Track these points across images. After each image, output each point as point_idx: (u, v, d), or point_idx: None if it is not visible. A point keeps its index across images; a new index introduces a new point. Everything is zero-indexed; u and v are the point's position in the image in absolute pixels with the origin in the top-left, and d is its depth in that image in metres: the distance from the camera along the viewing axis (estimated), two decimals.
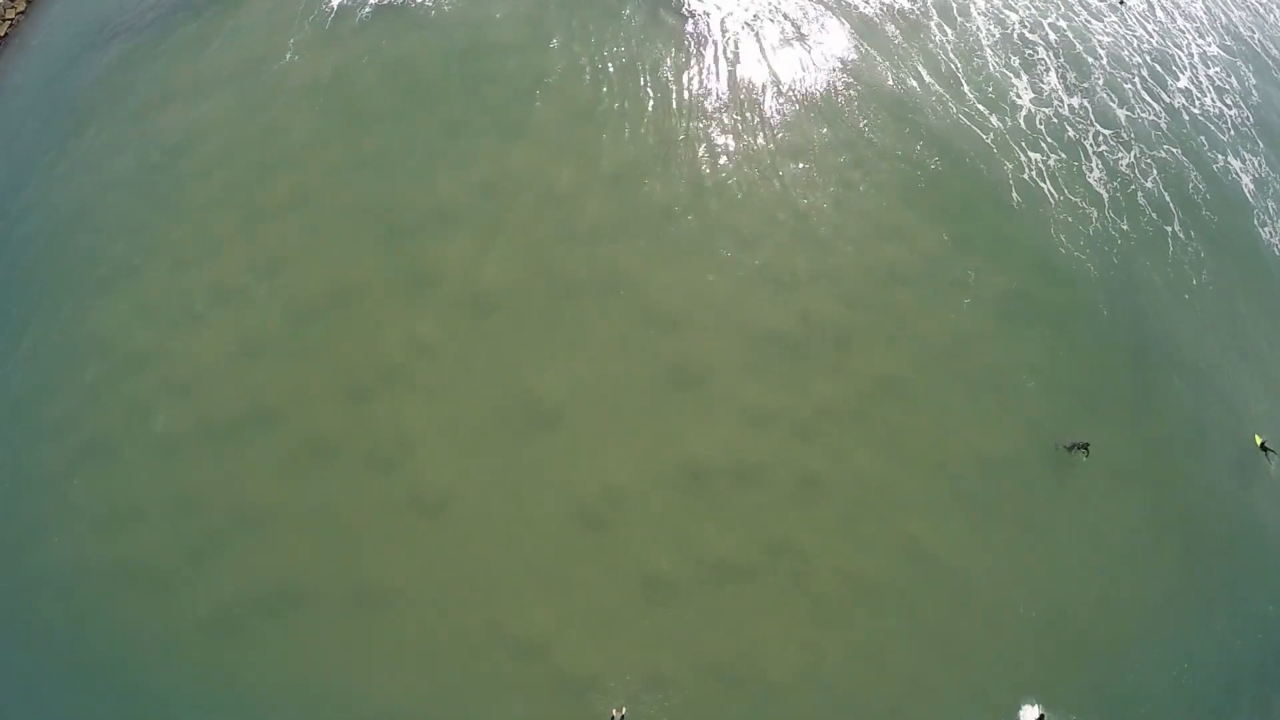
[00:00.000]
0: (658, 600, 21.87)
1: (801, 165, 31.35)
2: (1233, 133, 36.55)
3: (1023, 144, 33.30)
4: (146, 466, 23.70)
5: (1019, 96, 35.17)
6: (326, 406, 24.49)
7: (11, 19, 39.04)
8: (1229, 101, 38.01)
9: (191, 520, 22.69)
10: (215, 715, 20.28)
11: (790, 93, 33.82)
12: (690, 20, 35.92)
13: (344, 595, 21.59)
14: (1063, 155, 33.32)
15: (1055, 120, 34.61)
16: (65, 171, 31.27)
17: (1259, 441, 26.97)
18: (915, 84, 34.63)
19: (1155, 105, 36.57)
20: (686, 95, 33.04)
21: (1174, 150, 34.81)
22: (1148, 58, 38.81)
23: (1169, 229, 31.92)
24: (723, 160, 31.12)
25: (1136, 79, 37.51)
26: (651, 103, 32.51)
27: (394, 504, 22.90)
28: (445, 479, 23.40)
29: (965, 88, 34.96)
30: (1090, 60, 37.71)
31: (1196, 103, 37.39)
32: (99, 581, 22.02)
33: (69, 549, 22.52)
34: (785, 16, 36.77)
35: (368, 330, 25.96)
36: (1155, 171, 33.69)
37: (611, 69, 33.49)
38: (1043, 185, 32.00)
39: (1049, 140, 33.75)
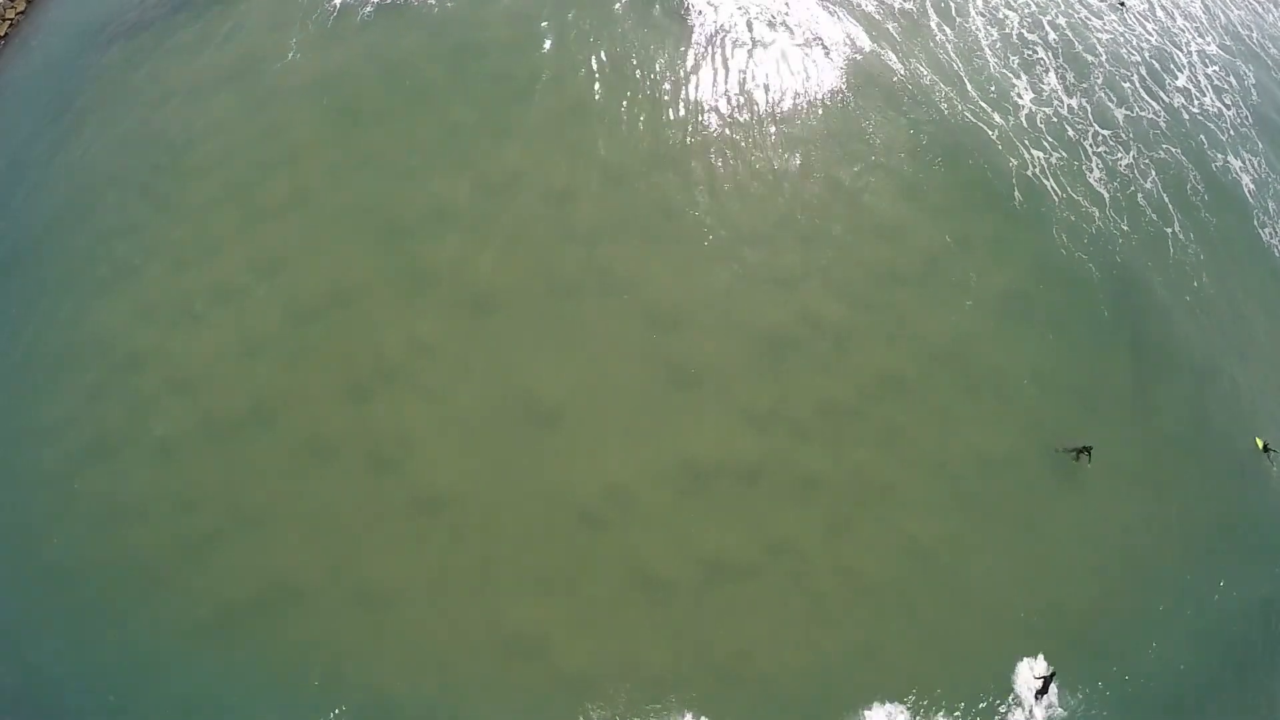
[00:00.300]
0: (657, 600, 21.87)
1: (802, 164, 31.37)
2: (1232, 132, 36.58)
3: (1025, 142, 33.31)
4: (146, 466, 23.70)
5: (1020, 96, 35.20)
6: (326, 406, 24.48)
7: (11, 19, 39.03)
8: (1228, 101, 38.04)
9: (191, 520, 22.68)
10: (214, 714, 20.29)
11: (791, 91, 33.81)
12: (690, 19, 35.90)
13: (344, 595, 21.59)
14: (1064, 155, 33.34)
15: (1055, 120, 34.63)
16: (65, 171, 31.26)
17: (1260, 444, 26.95)
18: (918, 83, 34.63)
19: (1154, 105, 36.58)
20: (686, 94, 33.05)
21: (1173, 150, 34.82)
22: (1146, 55, 38.84)
23: (1169, 230, 31.94)
24: (723, 159, 31.12)
25: (1135, 79, 37.52)
26: (651, 102, 32.51)
27: (394, 503, 22.89)
28: (445, 479, 23.41)
29: (968, 86, 34.96)
30: (1089, 59, 37.73)
31: (1195, 102, 37.41)
32: (98, 581, 22.02)
33: (68, 549, 22.51)
34: (786, 15, 36.78)
35: (368, 330, 25.94)
36: (1154, 172, 33.71)
37: (611, 68, 33.49)
38: (1045, 186, 32.00)
39: (1050, 139, 33.78)
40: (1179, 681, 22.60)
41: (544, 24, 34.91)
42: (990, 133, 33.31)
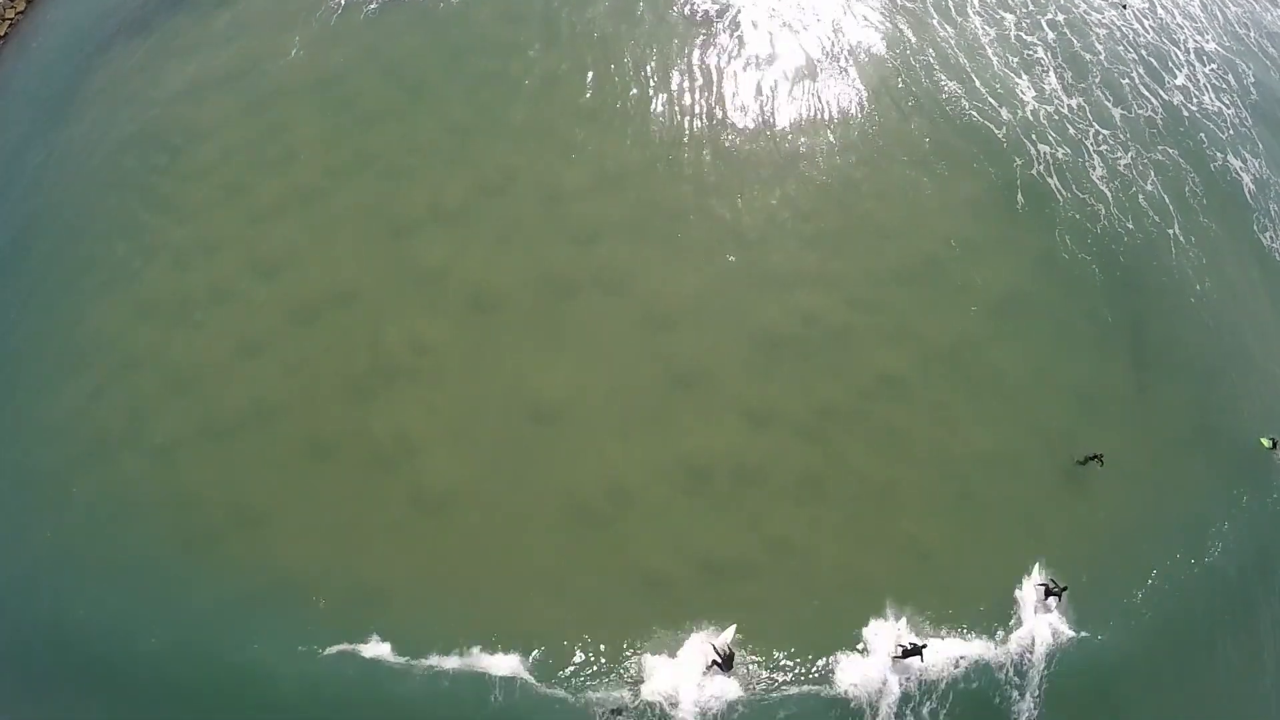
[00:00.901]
0: (658, 598, 21.86)
1: (800, 162, 31.35)
2: (1231, 132, 36.51)
3: (1031, 138, 33.23)
4: (146, 466, 23.69)
5: (1022, 95, 35.17)
6: (327, 406, 24.49)
7: (11, 19, 39.05)
8: (1227, 100, 37.97)
9: (191, 519, 22.68)
10: (214, 714, 20.29)
11: (789, 89, 33.80)
12: (694, 20, 35.91)
13: (344, 594, 21.57)
14: (1068, 153, 33.25)
15: (1057, 119, 34.58)
16: (65, 172, 31.27)
17: (1268, 444, 26.77)
18: (922, 84, 34.60)
19: (1153, 103, 36.53)
20: (689, 95, 33.05)
21: (1172, 151, 34.73)
22: (1143, 53, 38.79)
23: (1171, 231, 31.86)
24: (725, 159, 31.12)
25: (1135, 77, 37.47)
26: (655, 102, 32.53)
27: (394, 503, 22.89)
28: (445, 478, 23.41)
29: (976, 83, 34.88)
30: (1088, 58, 37.69)
31: (1194, 100, 37.35)
32: (98, 581, 22.01)
33: (68, 549, 22.51)
34: (789, 15, 36.77)
35: (368, 330, 25.96)
36: (1154, 173, 33.63)
37: (615, 68, 33.51)
38: (1049, 186, 31.92)
39: (1054, 136, 33.72)
40: (1184, 685, 22.78)
41: (548, 23, 34.97)
42: (999, 130, 33.21)
